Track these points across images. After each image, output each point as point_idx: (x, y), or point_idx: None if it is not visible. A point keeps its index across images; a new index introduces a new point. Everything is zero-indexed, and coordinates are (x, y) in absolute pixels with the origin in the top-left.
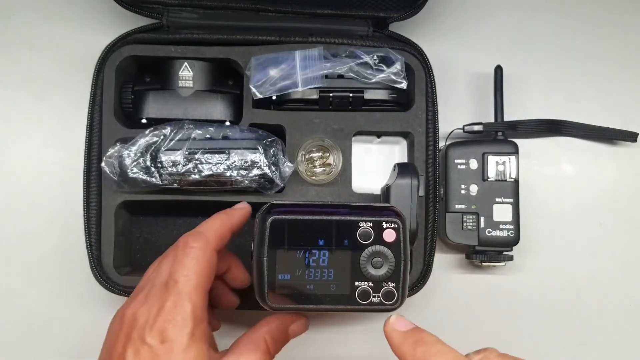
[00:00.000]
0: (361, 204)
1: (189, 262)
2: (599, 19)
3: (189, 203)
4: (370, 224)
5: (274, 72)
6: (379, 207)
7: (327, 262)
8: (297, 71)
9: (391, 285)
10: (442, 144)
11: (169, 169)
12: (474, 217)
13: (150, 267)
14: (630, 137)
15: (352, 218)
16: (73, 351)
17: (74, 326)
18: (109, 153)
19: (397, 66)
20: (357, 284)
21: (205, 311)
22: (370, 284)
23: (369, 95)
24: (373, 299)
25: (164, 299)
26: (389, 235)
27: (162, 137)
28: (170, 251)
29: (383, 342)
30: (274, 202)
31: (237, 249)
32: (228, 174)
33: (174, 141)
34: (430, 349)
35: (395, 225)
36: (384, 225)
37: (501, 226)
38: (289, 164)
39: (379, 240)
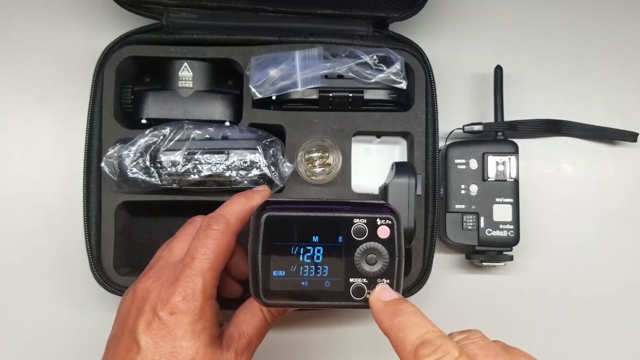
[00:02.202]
0: (356, 201)
1: (209, 242)
2: (598, 19)
3: (188, 203)
4: (365, 221)
5: (273, 72)
6: (373, 204)
7: (321, 259)
8: (296, 71)
9: (385, 281)
10: (442, 144)
11: (169, 169)
12: (474, 217)
13: (160, 248)
14: (630, 137)
15: (347, 214)
16: (73, 351)
17: (73, 326)
18: (108, 153)
19: (397, 66)
20: (351, 280)
21: (215, 290)
22: (364, 280)
23: (368, 95)
24: (367, 296)
25: (177, 273)
26: (383, 232)
27: (161, 137)
28: (180, 232)
29: (380, 339)
30: (269, 199)
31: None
32: (227, 174)
33: (173, 141)
34: (407, 320)
35: (390, 222)
36: (378, 221)
37: (501, 226)
38: (288, 164)
39: (373, 236)
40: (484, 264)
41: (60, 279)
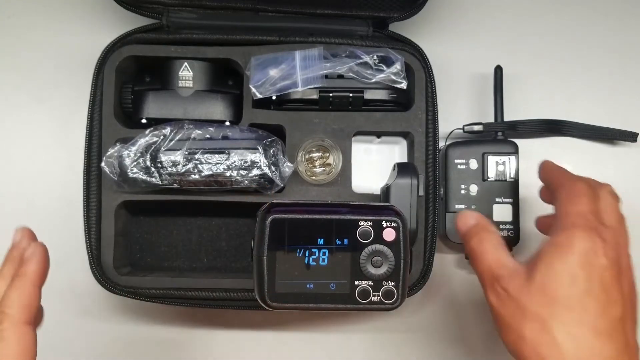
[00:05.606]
0: (361, 203)
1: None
2: (598, 18)
3: (188, 203)
4: (370, 223)
5: (274, 72)
6: (378, 206)
7: (327, 261)
8: (297, 71)
9: (391, 284)
10: (442, 144)
11: (169, 169)
12: None
13: None
14: (630, 137)
15: (352, 217)
16: (72, 351)
17: (73, 326)
18: (109, 153)
19: (397, 66)
20: (357, 283)
21: None
22: (370, 283)
23: (368, 95)
24: (373, 298)
25: None
26: (389, 234)
27: (162, 137)
28: None
29: (383, 341)
30: (274, 201)
31: (237, 249)
32: (228, 174)
33: (173, 141)
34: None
35: (395, 224)
36: (384, 224)
37: (501, 226)
38: (288, 164)
39: (379, 239)
40: None
41: (60, 279)
